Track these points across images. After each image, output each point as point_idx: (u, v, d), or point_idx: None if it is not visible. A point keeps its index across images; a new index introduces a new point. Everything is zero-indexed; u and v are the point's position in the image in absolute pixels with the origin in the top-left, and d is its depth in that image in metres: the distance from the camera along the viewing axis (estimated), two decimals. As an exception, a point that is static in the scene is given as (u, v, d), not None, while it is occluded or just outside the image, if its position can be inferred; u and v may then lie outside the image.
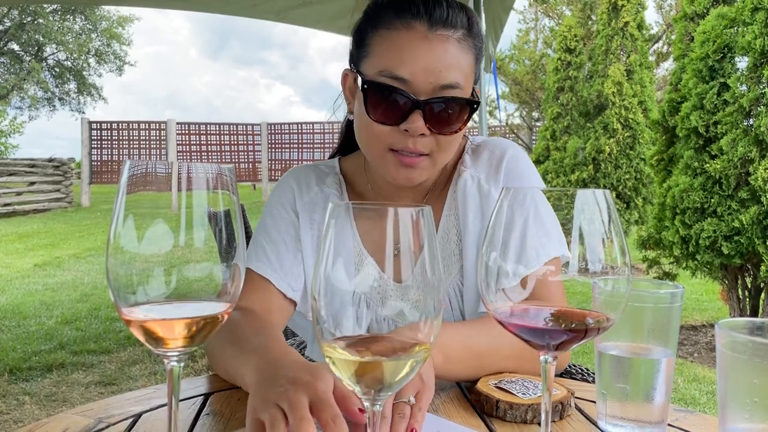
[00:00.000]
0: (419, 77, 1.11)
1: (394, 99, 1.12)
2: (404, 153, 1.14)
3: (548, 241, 1.00)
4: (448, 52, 1.13)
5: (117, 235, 0.62)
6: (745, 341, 0.57)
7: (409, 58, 1.11)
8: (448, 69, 1.12)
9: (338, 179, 1.36)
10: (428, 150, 1.15)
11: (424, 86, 1.11)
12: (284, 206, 1.32)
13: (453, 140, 1.17)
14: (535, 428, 0.86)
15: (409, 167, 1.15)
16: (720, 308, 6.00)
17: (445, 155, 1.19)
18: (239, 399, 0.96)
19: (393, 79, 1.12)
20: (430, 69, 1.11)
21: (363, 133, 1.20)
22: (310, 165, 1.40)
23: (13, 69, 28.13)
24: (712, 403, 3.81)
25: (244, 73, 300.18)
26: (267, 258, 1.25)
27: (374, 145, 1.18)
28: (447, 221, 1.28)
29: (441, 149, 1.16)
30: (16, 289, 6.91)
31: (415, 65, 1.11)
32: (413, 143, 1.13)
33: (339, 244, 0.58)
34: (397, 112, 1.12)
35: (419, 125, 1.11)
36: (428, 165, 1.17)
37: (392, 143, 1.15)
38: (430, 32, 1.12)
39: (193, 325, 0.64)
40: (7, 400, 3.72)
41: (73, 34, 28.85)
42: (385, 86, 1.12)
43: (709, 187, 4.36)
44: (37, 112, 30.13)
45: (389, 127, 1.14)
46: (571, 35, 10.48)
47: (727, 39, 4.34)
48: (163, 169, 0.64)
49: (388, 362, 0.59)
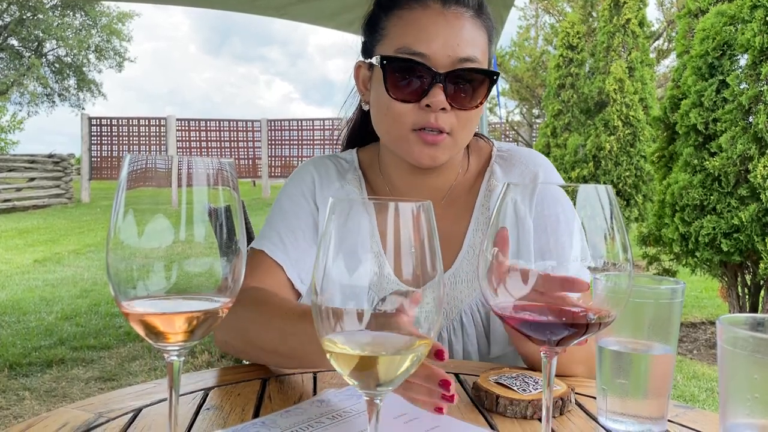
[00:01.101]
0: (438, 51, 1.11)
1: (414, 74, 1.13)
2: (427, 131, 1.13)
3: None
4: (464, 28, 1.14)
5: (117, 229, 0.62)
6: (746, 337, 0.57)
7: (427, 33, 1.12)
8: (466, 43, 1.13)
9: (358, 175, 1.33)
10: (449, 127, 1.14)
11: (443, 60, 1.12)
12: (305, 195, 1.29)
13: (473, 117, 1.17)
14: (535, 424, 0.86)
15: (432, 145, 1.14)
16: (719, 305, 6.00)
17: (466, 134, 1.18)
18: (239, 394, 0.96)
19: (412, 54, 1.12)
20: (448, 43, 1.12)
21: (383, 116, 1.18)
22: (331, 157, 1.37)
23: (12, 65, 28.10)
24: (711, 400, 3.82)
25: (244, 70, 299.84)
26: (283, 244, 1.23)
27: (396, 127, 1.16)
28: (474, 236, 1.25)
29: (462, 126, 1.15)
30: (16, 284, 6.91)
31: (433, 40, 1.12)
32: (435, 119, 1.12)
33: (340, 238, 0.58)
34: (418, 87, 1.12)
35: (440, 99, 1.11)
36: (450, 144, 1.16)
37: (415, 121, 1.14)
38: (445, 8, 1.14)
39: (193, 320, 0.64)
40: (7, 395, 3.72)
41: (72, 30, 28.81)
42: (405, 60, 1.13)
43: (709, 185, 4.36)
44: (37, 108, 30.09)
45: (411, 104, 1.14)
46: (574, 32, 10.46)
47: (727, 36, 4.33)
48: (163, 164, 0.64)
49: (388, 357, 0.59)
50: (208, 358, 4.45)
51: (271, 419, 0.85)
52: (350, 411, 0.87)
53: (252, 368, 1.09)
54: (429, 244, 0.58)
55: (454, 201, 1.29)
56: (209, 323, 0.65)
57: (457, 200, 1.29)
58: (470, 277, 1.23)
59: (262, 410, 0.89)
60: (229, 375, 1.05)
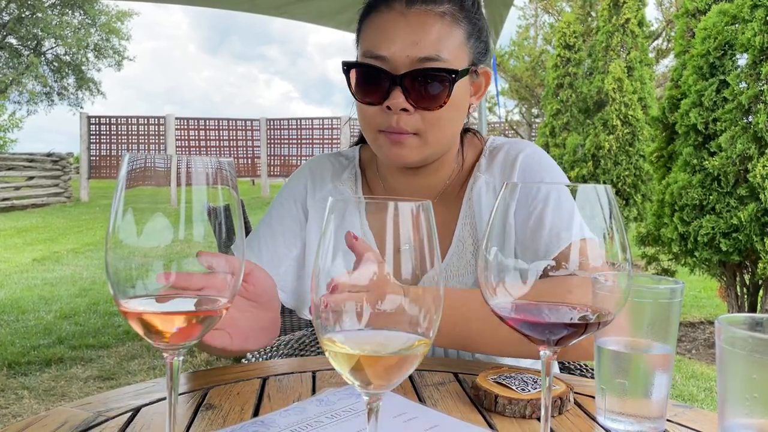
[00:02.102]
0: (397, 53, 1.11)
1: (374, 77, 1.13)
2: (391, 131, 1.14)
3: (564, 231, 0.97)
4: (427, 25, 1.12)
5: (116, 228, 0.62)
6: (745, 337, 0.57)
7: (387, 35, 1.12)
8: (426, 42, 1.12)
9: (355, 173, 1.34)
10: (414, 129, 1.14)
11: (402, 61, 1.11)
12: (295, 201, 1.32)
13: (441, 118, 1.15)
14: (534, 423, 0.86)
15: (398, 144, 1.15)
16: (718, 305, 6.01)
17: (438, 134, 1.16)
18: (238, 393, 0.96)
19: (374, 58, 1.13)
20: (407, 42, 1.12)
21: (359, 119, 1.21)
22: (331, 155, 1.38)
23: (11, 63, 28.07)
24: (710, 400, 3.82)
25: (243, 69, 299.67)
26: (258, 248, 1.27)
27: (367, 129, 1.19)
28: (462, 230, 1.25)
29: (429, 127, 1.15)
30: (15, 283, 6.90)
31: (393, 41, 1.12)
32: (396, 121, 1.13)
33: (338, 238, 0.58)
34: (379, 90, 1.13)
35: (399, 101, 1.11)
36: (418, 144, 1.16)
37: (379, 123, 1.15)
38: (408, 9, 1.13)
39: (192, 319, 0.64)
40: (6, 394, 3.72)
41: (71, 29, 28.78)
42: (363, 65, 1.14)
43: (708, 184, 4.36)
44: (36, 106, 30.07)
45: (375, 107, 1.15)
46: (570, 32, 10.47)
47: (728, 36, 4.33)
48: (162, 163, 0.64)
49: (387, 356, 0.59)
50: (207, 357, 4.45)
51: (270, 418, 0.85)
52: (349, 410, 0.87)
53: (251, 367, 1.09)
54: (428, 244, 0.58)
55: (445, 197, 1.29)
56: (208, 323, 0.65)
57: (448, 196, 1.29)
58: (461, 272, 1.23)
59: (261, 409, 0.89)
60: (228, 374, 1.05)
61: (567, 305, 0.65)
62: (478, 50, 1.21)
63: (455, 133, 1.23)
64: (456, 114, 1.18)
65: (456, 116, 1.19)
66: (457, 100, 1.17)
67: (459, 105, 1.18)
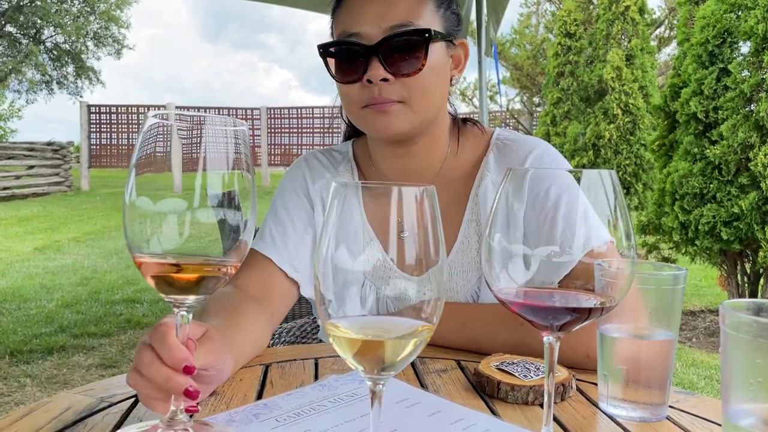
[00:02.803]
0: (368, 26, 1.13)
1: (350, 54, 1.15)
2: (375, 102, 1.15)
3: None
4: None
5: (132, 188, 0.66)
6: (749, 321, 0.57)
7: (358, 12, 1.15)
8: (396, 11, 1.13)
9: (350, 166, 1.34)
10: (398, 96, 1.14)
11: (374, 33, 1.13)
12: (297, 191, 1.32)
13: (423, 83, 1.15)
14: (536, 410, 0.86)
15: (383, 114, 1.15)
16: (718, 294, 6.02)
17: (422, 100, 1.16)
18: (241, 379, 0.96)
19: (348, 36, 1.15)
20: (376, 14, 1.13)
21: (342, 102, 1.22)
22: (324, 150, 1.38)
23: (10, 52, 27.97)
24: (710, 387, 3.83)
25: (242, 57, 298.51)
26: (271, 238, 1.25)
27: (351, 109, 1.20)
28: (468, 228, 1.24)
29: (413, 93, 1.15)
30: (16, 272, 6.92)
31: (364, 17, 1.14)
32: (378, 92, 1.13)
33: (342, 224, 0.58)
34: (357, 65, 1.14)
35: (378, 72, 1.12)
36: (405, 111, 1.16)
37: (362, 99, 1.16)
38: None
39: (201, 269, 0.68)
40: (9, 382, 3.73)
41: (71, 17, 28.65)
42: (338, 42, 1.17)
43: (709, 173, 4.35)
44: (35, 95, 29.99)
45: (356, 84, 1.15)
46: (571, 20, 10.42)
47: (728, 24, 4.31)
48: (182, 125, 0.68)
49: (390, 341, 0.59)
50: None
51: (273, 402, 0.85)
52: (352, 395, 0.87)
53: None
54: (432, 230, 0.58)
55: (448, 187, 1.26)
56: (216, 281, 0.69)
57: (452, 186, 1.27)
58: (465, 268, 1.22)
59: (263, 396, 0.90)
60: (230, 361, 1.05)
61: (570, 291, 0.65)
62: (450, 21, 1.22)
63: (440, 100, 1.22)
64: (437, 79, 1.18)
65: (438, 82, 1.19)
66: (437, 64, 1.17)
67: (440, 71, 1.18)
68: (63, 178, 16.25)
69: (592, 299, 0.65)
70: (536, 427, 0.80)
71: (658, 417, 0.84)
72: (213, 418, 0.80)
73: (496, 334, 1.09)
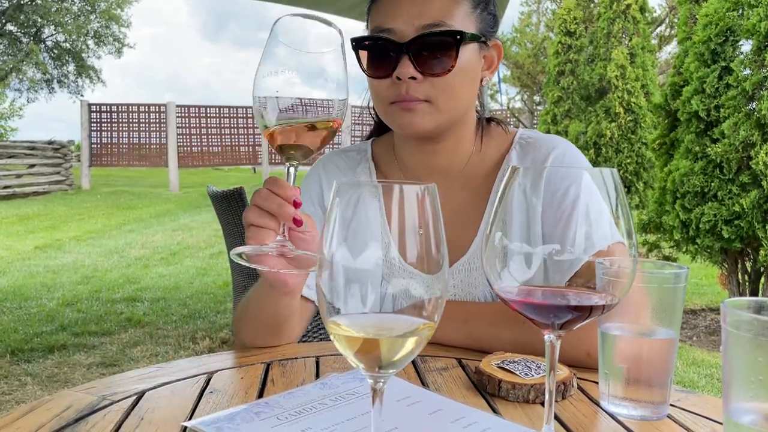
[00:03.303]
0: (401, 23, 1.13)
1: (381, 49, 1.15)
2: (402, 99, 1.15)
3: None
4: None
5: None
6: (751, 320, 0.57)
7: (393, 8, 1.15)
8: (431, 10, 1.14)
9: (368, 166, 1.34)
10: (425, 96, 1.15)
11: (407, 30, 1.13)
12: (312, 200, 1.31)
13: (452, 84, 1.15)
14: (537, 408, 0.86)
15: (409, 111, 1.15)
16: (719, 292, 6.01)
17: (449, 101, 1.17)
18: (242, 378, 0.96)
19: (381, 32, 1.15)
20: (411, 12, 1.14)
21: (371, 96, 1.23)
22: (341, 152, 1.38)
23: (11, 51, 27.95)
24: (710, 386, 3.83)
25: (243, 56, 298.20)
26: None
27: (378, 103, 1.21)
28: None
29: (439, 93, 1.15)
30: (17, 271, 6.92)
31: (399, 14, 1.14)
32: (406, 89, 1.14)
33: (345, 221, 0.58)
34: (388, 61, 1.15)
35: (408, 69, 1.12)
36: (431, 110, 1.16)
37: (390, 95, 1.16)
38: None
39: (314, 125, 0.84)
40: (9, 380, 3.74)
41: (71, 16, 28.62)
42: (371, 38, 1.17)
43: (710, 171, 4.35)
44: (36, 94, 29.96)
45: (386, 80, 1.16)
46: (571, 18, 10.42)
47: (730, 22, 4.31)
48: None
49: (391, 339, 0.59)
50: (210, 344, 4.47)
51: (274, 400, 0.85)
52: (353, 393, 0.87)
53: (254, 352, 1.10)
54: (434, 227, 0.58)
55: (471, 184, 1.27)
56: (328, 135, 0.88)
57: (474, 184, 1.27)
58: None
59: (265, 393, 0.90)
60: (231, 359, 1.06)
61: (572, 290, 0.65)
62: (485, 22, 1.21)
63: (468, 101, 1.22)
64: (466, 80, 1.18)
65: (467, 83, 1.19)
66: (467, 66, 1.17)
67: (469, 72, 1.18)
68: (64, 177, 16.25)
69: (593, 297, 0.65)
70: (537, 426, 0.80)
71: (659, 415, 0.84)
72: (213, 416, 0.80)
73: (498, 332, 1.09)
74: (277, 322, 1.12)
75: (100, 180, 18.42)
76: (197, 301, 5.72)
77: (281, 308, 1.09)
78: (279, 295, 1.05)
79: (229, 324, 4.93)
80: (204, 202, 13.45)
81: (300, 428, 0.77)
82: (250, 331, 1.16)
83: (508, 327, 1.08)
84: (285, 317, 1.11)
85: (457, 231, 1.22)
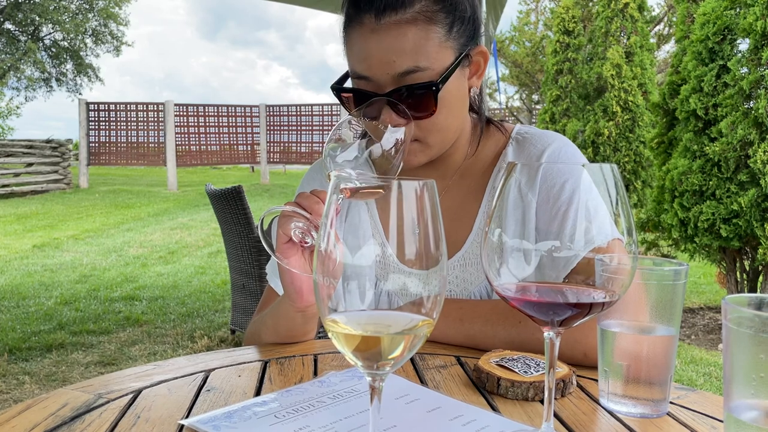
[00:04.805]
0: (376, 72, 1.10)
1: (362, 96, 1.13)
2: None
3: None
4: (399, 38, 1.08)
5: None
6: (752, 316, 0.56)
7: (364, 55, 1.10)
8: (401, 56, 1.08)
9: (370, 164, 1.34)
10: (413, 137, 1.13)
11: (384, 79, 1.10)
12: None
13: (437, 122, 1.14)
14: (536, 406, 0.86)
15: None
16: (717, 291, 6.02)
17: (437, 136, 1.16)
18: (239, 376, 0.96)
19: (359, 79, 1.13)
20: (383, 61, 1.09)
21: None
22: None
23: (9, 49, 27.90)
24: (709, 385, 3.84)
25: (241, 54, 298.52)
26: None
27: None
28: (483, 219, 1.23)
29: (427, 133, 1.14)
30: (15, 269, 6.91)
31: (370, 61, 1.10)
32: None
33: (342, 218, 0.57)
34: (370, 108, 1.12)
35: (390, 117, 1.09)
36: (421, 148, 1.16)
37: (379, 136, 1.13)
38: (378, 23, 1.08)
39: None
40: (7, 379, 3.73)
41: (69, 14, 28.57)
42: (350, 89, 1.15)
43: (708, 170, 4.35)
44: (34, 93, 29.93)
45: (373, 122, 1.13)
46: (569, 17, 10.40)
47: (728, 21, 4.31)
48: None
49: (390, 337, 0.58)
50: (208, 343, 4.47)
51: (272, 398, 0.84)
52: (351, 391, 0.87)
53: (252, 350, 1.09)
54: (432, 224, 0.57)
55: (467, 179, 1.27)
56: None
57: (470, 179, 1.27)
58: (479, 260, 1.21)
59: (262, 392, 0.89)
60: (229, 357, 1.05)
61: (572, 286, 0.65)
62: (464, 36, 1.16)
63: (459, 125, 1.21)
64: (453, 110, 1.17)
65: (454, 112, 1.17)
66: (450, 96, 1.14)
67: (455, 101, 1.16)
68: (62, 176, 16.23)
69: (593, 294, 0.65)
70: (536, 423, 0.79)
71: (659, 413, 0.83)
72: (210, 414, 0.80)
73: (494, 331, 1.09)
74: (293, 335, 1.15)
75: (99, 179, 18.40)
76: (195, 300, 5.72)
77: (298, 324, 1.12)
78: (297, 310, 1.08)
79: (227, 323, 4.93)
80: (202, 201, 13.44)
81: (298, 426, 0.76)
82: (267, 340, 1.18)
83: (503, 326, 1.08)
84: (303, 333, 1.15)
85: (453, 226, 1.22)
